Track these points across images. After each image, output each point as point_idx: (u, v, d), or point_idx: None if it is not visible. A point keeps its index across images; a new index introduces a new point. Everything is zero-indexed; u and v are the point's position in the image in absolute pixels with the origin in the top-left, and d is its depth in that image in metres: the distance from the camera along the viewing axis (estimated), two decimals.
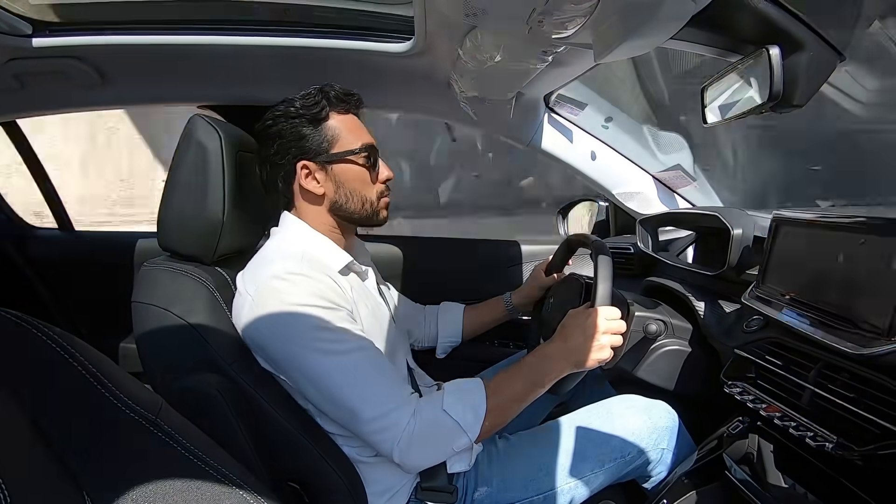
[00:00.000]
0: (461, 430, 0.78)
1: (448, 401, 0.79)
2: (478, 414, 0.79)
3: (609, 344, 0.84)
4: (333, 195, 0.89)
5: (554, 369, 0.84)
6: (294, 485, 0.80)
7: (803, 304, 0.78)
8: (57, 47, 1.06)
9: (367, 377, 0.78)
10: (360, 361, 0.78)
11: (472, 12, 0.76)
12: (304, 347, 0.76)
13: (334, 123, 0.88)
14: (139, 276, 0.85)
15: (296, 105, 0.86)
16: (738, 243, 1.00)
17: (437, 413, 0.78)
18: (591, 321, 0.84)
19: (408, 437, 0.76)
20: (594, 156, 1.40)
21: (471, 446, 0.80)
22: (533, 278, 1.21)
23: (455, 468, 0.85)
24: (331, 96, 0.88)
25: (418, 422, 0.77)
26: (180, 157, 0.87)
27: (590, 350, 0.83)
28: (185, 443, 0.52)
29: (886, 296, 0.63)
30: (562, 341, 0.86)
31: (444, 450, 0.80)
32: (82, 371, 0.49)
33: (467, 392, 0.81)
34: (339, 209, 0.90)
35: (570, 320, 0.88)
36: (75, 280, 1.81)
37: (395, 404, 0.77)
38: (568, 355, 0.84)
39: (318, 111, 0.86)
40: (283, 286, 0.78)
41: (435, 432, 0.78)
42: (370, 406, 0.76)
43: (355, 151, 0.89)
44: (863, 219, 0.71)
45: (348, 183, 0.89)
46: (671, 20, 0.69)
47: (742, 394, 0.81)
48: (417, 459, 0.79)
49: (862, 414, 0.63)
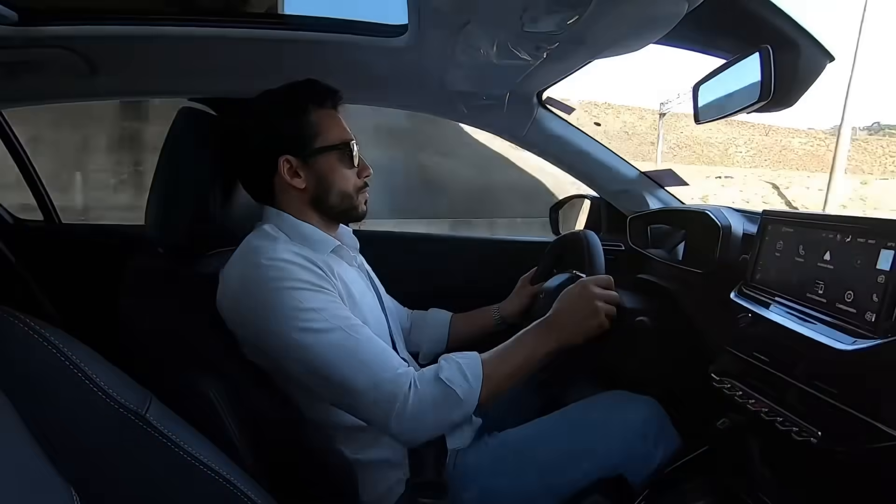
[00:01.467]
0: (459, 399, 0.78)
1: (444, 370, 0.80)
2: (475, 384, 0.79)
3: (603, 311, 0.86)
4: (314, 189, 0.89)
5: (551, 338, 0.85)
6: (284, 480, 0.80)
7: (790, 301, 0.79)
8: (45, 37, 1.04)
9: (359, 351, 0.77)
10: (349, 336, 0.78)
11: (466, 7, 0.76)
12: (291, 329, 0.76)
13: (315, 118, 0.88)
14: (128, 270, 0.84)
15: (276, 99, 0.86)
16: (728, 241, 1.01)
17: (433, 382, 0.78)
18: (585, 290, 0.86)
19: (404, 406, 0.75)
20: (587, 153, 1.41)
21: (470, 418, 0.80)
22: (520, 289, 1.22)
23: (453, 443, 0.86)
24: (312, 91, 0.88)
25: (415, 391, 0.77)
26: (169, 149, 0.86)
27: (585, 318, 0.85)
28: (175, 438, 0.52)
29: (872, 293, 0.64)
30: (556, 311, 0.88)
31: (442, 420, 0.79)
32: (70, 366, 0.48)
33: (464, 363, 0.81)
34: (320, 203, 0.90)
35: (564, 294, 0.90)
36: (63, 273, 1.79)
37: (391, 376, 0.77)
38: (564, 323, 0.86)
39: (300, 106, 0.86)
40: (266, 272, 0.78)
41: (432, 402, 0.78)
42: (365, 379, 0.75)
43: (336, 146, 0.89)
44: (850, 218, 0.72)
45: (328, 177, 0.89)
46: (664, 19, 0.70)
47: (730, 389, 0.82)
48: (415, 431, 0.78)
49: (846, 410, 0.64)
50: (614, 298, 0.88)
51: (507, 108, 1.27)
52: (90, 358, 0.50)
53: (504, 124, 1.37)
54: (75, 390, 0.48)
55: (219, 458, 0.54)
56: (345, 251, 0.93)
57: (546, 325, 0.87)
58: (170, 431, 0.52)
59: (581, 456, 0.92)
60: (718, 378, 0.86)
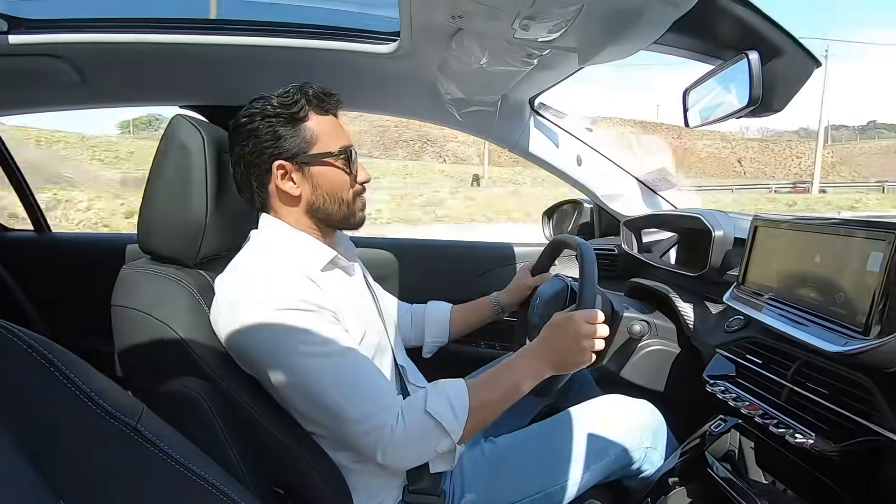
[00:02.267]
0: (444, 432, 0.78)
1: (431, 402, 0.79)
2: (460, 415, 0.79)
3: (591, 348, 0.84)
4: (310, 196, 0.87)
5: (536, 372, 0.84)
6: (279, 490, 0.79)
7: (782, 304, 0.80)
8: (34, 44, 1.03)
9: (350, 379, 0.77)
10: (342, 363, 0.77)
11: (458, 14, 0.76)
12: (284, 351, 0.75)
13: (312, 124, 0.86)
14: (119, 278, 0.84)
15: (273, 103, 0.84)
16: (720, 244, 1.02)
17: (420, 415, 0.78)
18: (575, 325, 0.84)
19: (391, 438, 0.75)
20: (579, 159, 1.42)
21: (454, 448, 0.80)
22: (519, 279, 1.22)
23: (437, 468, 0.85)
24: (310, 96, 0.85)
25: (402, 424, 0.76)
26: (162, 157, 0.85)
27: (572, 354, 0.83)
28: (167, 449, 0.51)
29: (862, 295, 0.65)
30: (544, 344, 0.86)
31: (427, 451, 0.79)
32: (59, 377, 0.48)
33: (450, 393, 0.81)
34: (317, 210, 0.88)
35: (554, 323, 0.87)
36: (52, 283, 1.77)
37: (380, 405, 0.77)
38: (550, 358, 0.85)
39: (297, 111, 0.84)
40: (262, 290, 0.76)
41: (418, 434, 0.78)
42: (354, 408, 0.75)
43: (334, 154, 0.87)
44: (839, 220, 0.73)
45: (326, 185, 0.87)
46: (654, 25, 0.70)
47: (724, 392, 0.82)
48: (401, 460, 0.79)
49: (838, 410, 0.65)
50: (602, 333, 0.85)
51: (500, 114, 1.28)
52: (80, 367, 0.49)
53: (497, 130, 1.37)
54: (65, 400, 0.47)
55: (212, 469, 0.53)
56: (341, 261, 0.91)
57: (533, 354, 0.86)
58: (162, 442, 0.51)
59: (579, 461, 0.92)
60: (712, 381, 0.86)
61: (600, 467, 0.93)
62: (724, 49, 0.90)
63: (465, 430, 0.79)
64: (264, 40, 1.08)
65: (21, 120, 23.00)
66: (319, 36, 1.09)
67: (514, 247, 1.63)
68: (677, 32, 0.80)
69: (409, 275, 1.58)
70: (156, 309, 0.79)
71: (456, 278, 1.60)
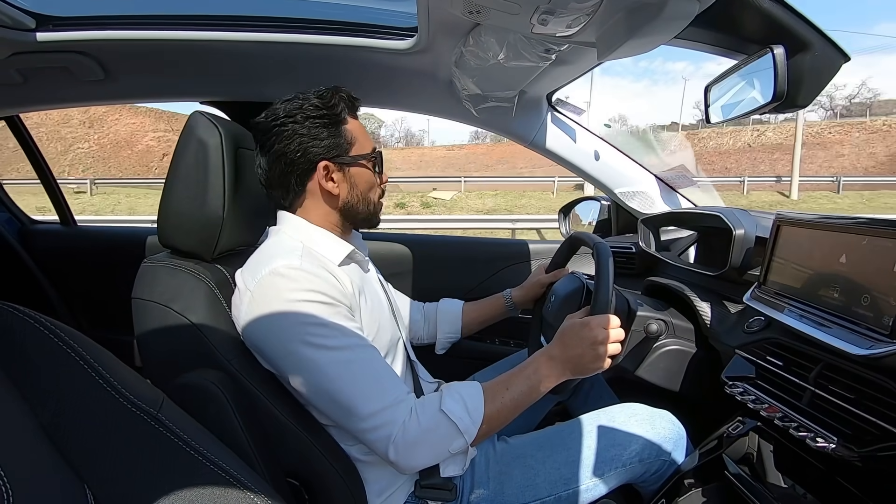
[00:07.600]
0: (458, 432, 0.78)
1: (446, 402, 0.79)
2: (475, 417, 0.79)
3: (607, 353, 0.83)
4: (347, 196, 0.90)
5: (551, 376, 0.84)
6: (294, 481, 0.80)
7: (805, 305, 0.78)
8: (60, 41, 1.06)
9: (364, 373, 0.77)
10: (356, 357, 0.78)
11: (475, 9, 0.76)
12: (300, 343, 0.76)
13: (351, 127, 0.89)
14: (139, 272, 0.85)
15: (314, 103, 0.85)
16: (740, 243, 0.99)
17: (434, 413, 0.78)
18: (591, 332, 0.82)
19: (404, 435, 0.76)
20: (597, 155, 1.40)
21: (466, 449, 0.80)
22: (535, 276, 1.21)
23: (448, 472, 0.84)
24: (346, 98, 0.89)
25: (415, 421, 0.77)
26: (181, 153, 0.87)
27: (588, 360, 0.82)
28: (187, 438, 0.52)
29: (889, 297, 0.63)
30: (560, 349, 0.85)
31: (440, 451, 0.79)
32: (84, 365, 0.49)
33: (465, 394, 0.81)
34: (350, 210, 0.91)
35: (568, 327, 0.86)
36: (77, 274, 1.82)
37: (393, 401, 0.77)
38: (565, 363, 0.84)
39: (339, 112, 0.87)
40: (282, 282, 0.78)
41: (432, 432, 0.78)
42: (366, 402, 0.76)
43: (369, 155, 0.91)
44: (865, 220, 0.71)
45: (360, 185, 0.91)
46: (675, 19, 0.69)
47: (743, 394, 0.81)
48: (412, 459, 0.78)
49: (862, 415, 0.63)
50: (618, 338, 0.84)
51: (517, 110, 1.27)
52: (103, 357, 0.51)
53: (513, 126, 1.36)
54: (89, 389, 0.49)
55: (230, 459, 0.54)
56: (357, 255, 0.93)
57: (548, 360, 0.85)
58: (182, 431, 0.52)
59: (592, 469, 0.91)
60: (731, 382, 0.84)
61: (615, 476, 0.92)
62: (747, 43, 0.88)
63: (480, 432, 0.79)
64: (283, 37, 1.09)
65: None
66: (340, 32, 1.09)
67: (529, 244, 1.62)
68: (700, 26, 0.78)
69: (424, 269, 1.59)
70: (175, 302, 0.80)
71: (470, 274, 1.60)
